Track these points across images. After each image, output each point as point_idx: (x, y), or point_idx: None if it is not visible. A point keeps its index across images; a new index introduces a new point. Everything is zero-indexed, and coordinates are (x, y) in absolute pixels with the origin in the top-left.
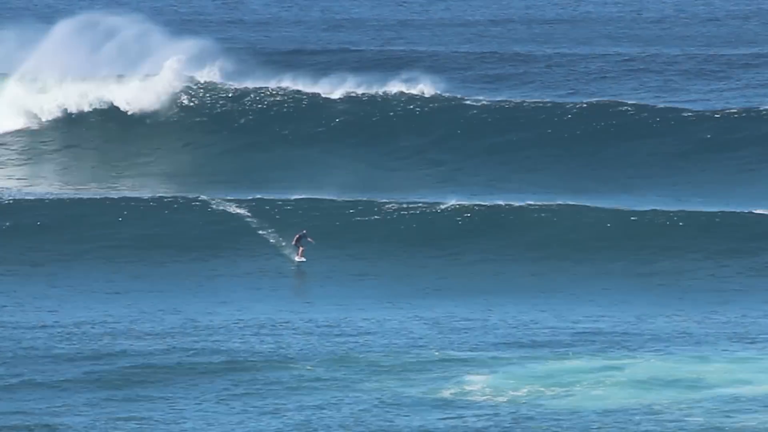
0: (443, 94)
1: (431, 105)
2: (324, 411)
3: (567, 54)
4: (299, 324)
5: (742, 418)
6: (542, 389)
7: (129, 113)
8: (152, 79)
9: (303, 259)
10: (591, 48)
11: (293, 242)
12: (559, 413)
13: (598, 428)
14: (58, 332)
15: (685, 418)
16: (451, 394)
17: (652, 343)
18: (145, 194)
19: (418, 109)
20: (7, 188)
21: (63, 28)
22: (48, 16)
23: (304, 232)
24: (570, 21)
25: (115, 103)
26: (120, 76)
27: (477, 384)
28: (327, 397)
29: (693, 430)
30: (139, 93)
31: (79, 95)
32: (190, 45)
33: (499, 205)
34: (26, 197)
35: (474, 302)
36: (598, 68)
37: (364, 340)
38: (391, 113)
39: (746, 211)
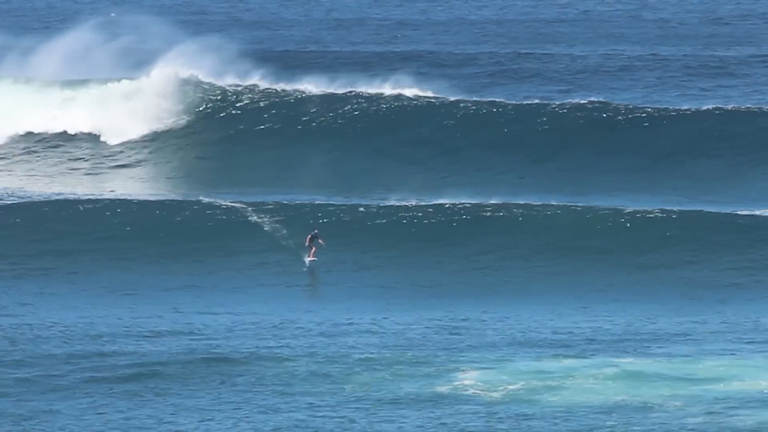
0: (446, 96)
1: (434, 104)
2: (319, 409)
3: (563, 53)
4: (299, 323)
5: (742, 415)
6: (538, 385)
7: (122, 114)
8: (145, 80)
9: (314, 259)
10: (588, 47)
11: (306, 243)
12: (555, 410)
13: (600, 427)
14: (61, 332)
15: (685, 417)
16: (447, 389)
17: (651, 342)
18: (148, 195)
19: (419, 108)
20: (6, 188)
21: (77, 30)
22: (44, 18)
23: (316, 232)
24: (562, 21)
25: (108, 105)
26: (114, 79)
27: (472, 380)
28: (323, 395)
29: (692, 428)
30: (132, 93)
31: (73, 96)
32: (186, 45)
33: (496, 205)
34: (22, 197)
35: (473, 302)
36: (594, 66)
37: (363, 338)
38: (394, 113)
39: (747, 212)
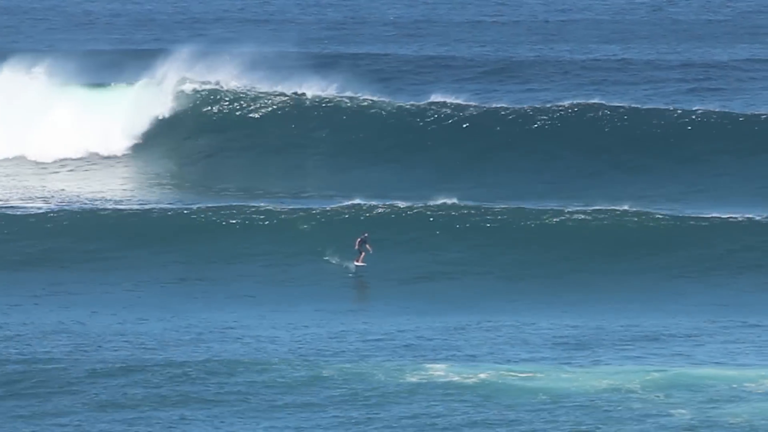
0: (447, 100)
1: (439, 111)
2: (313, 409)
3: (552, 54)
4: (290, 326)
5: (733, 411)
6: (525, 378)
7: (118, 119)
8: (152, 85)
9: (363, 264)
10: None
11: (355, 246)
12: (540, 399)
13: (584, 418)
14: (66, 335)
15: (675, 409)
16: (419, 379)
17: (635, 341)
18: (144, 199)
19: (413, 113)
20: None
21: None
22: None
23: (366, 235)
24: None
25: (104, 109)
26: (117, 83)
27: (443, 371)
28: (318, 395)
29: (680, 423)
30: (140, 98)
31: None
32: (184, 47)
33: (486, 208)
34: (33, 206)
35: (466, 306)
36: (574, 70)
37: (359, 340)
38: (392, 117)
39: (743, 217)
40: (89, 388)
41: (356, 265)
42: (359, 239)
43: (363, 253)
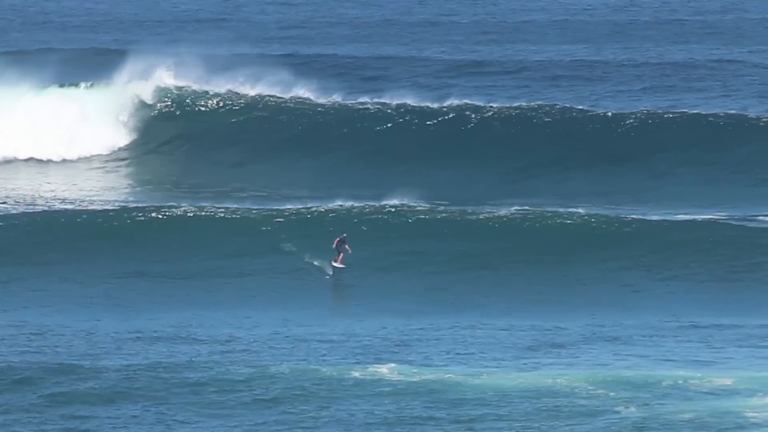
0: (417, 104)
1: (410, 113)
2: (253, 406)
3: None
4: (255, 329)
5: (678, 409)
6: (470, 374)
7: (98, 120)
8: (108, 85)
9: (342, 266)
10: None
11: (333, 245)
12: (481, 392)
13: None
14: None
15: (616, 405)
16: (370, 377)
17: (593, 340)
18: (126, 202)
19: (391, 115)
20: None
21: None
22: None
23: (345, 235)
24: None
25: (85, 111)
26: (71, 84)
27: (395, 370)
28: (256, 392)
29: (628, 420)
30: (95, 99)
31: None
32: (148, 49)
33: (441, 208)
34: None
35: (433, 310)
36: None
37: (323, 346)
38: (369, 119)
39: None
40: (41, 385)
41: (334, 266)
42: (338, 239)
43: (341, 254)
